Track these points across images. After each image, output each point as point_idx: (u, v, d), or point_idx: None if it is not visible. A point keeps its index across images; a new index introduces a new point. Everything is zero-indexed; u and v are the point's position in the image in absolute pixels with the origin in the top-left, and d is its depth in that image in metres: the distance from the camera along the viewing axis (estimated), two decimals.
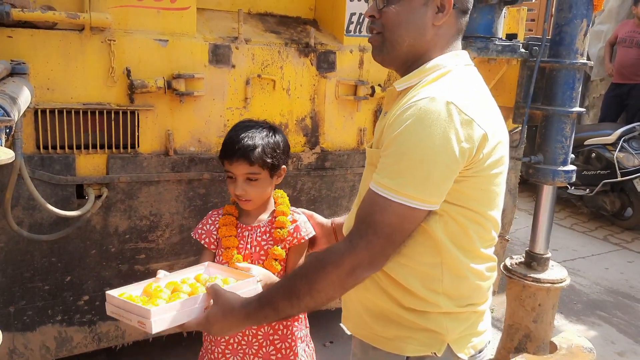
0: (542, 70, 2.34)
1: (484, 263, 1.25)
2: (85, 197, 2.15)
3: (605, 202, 5.38)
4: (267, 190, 1.72)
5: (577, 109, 2.29)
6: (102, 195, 2.18)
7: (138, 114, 2.19)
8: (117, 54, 2.10)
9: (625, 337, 3.42)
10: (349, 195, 2.80)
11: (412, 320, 1.21)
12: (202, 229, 1.78)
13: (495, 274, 1.30)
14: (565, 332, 2.50)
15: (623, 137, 5.12)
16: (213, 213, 1.81)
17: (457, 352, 1.22)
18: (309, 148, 2.64)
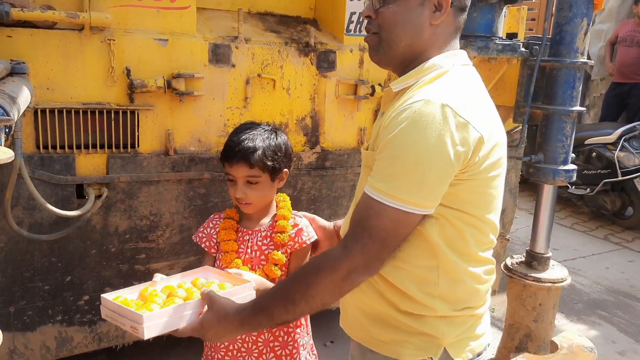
0: (542, 70, 2.33)
1: (482, 266, 1.24)
2: (85, 197, 2.15)
3: (606, 201, 5.37)
4: (268, 194, 1.69)
5: (577, 108, 2.29)
6: (102, 195, 2.18)
7: (138, 114, 2.19)
8: (116, 54, 2.10)
9: (626, 336, 3.42)
10: (350, 195, 2.79)
11: (408, 324, 1.20)
12: (202, 233, 1.75)
13: (494, 277, 1.29)
14: (566, 331, 2.50)
15: (623, 136, 5.12)
16: (214, 217, 1.78)
17: (454, 356, 1.21)
18: (309, 147, 2.64)
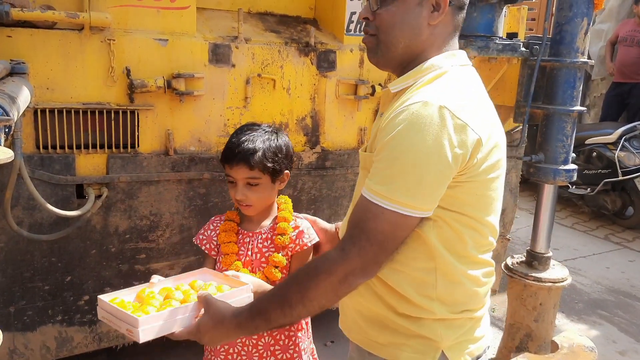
0: (542, 69, 2.33)
1: (480, 269, 1.22)
2: (85, 197, 2.15)
3: (606, 201, 5.37)
4: (268, 196, 1.68)
5: (578, 108, 2.28)
6: (102, 195, 2.17)
7: (138, 114, 2.19)
8: (116, 54, 2.09)
9: (627, 336, 3.42)
10: (350, 195, 2.79)
11: (405, 327, 1.19)
12: (203, 235, 1.74)
13: (493, 279, 1.28)
14: (567, 331, 2.50)
15: (624, 136, 5.12)
16: (215, 219, 1.77)
17: (452, 359, 1.20)
18: (310, 147, 2.64)
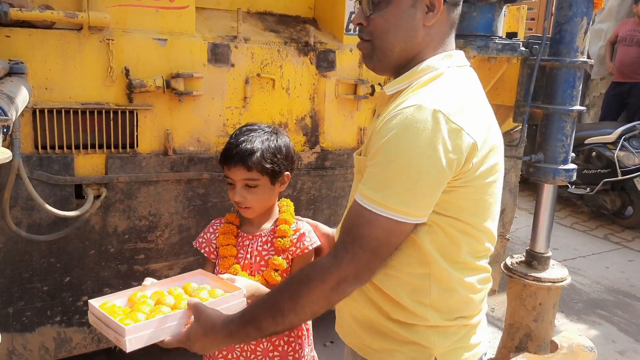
0: (542, 69, 2.33)
1: (476, 275, 1.20)
2: (84, 197, 2.14)
3: (606, 201, 5.37)
4: (268, 198, 1.65)
5: (577, 108, 2.28)
6: (101, 196, 2.17)
7: (137, 114, 2.19)
8: (115, 54, 2.09)
9: (626, 336, 3.42)
10: (349, 195, 2.78)
11: (398, 332, 1.18)
12: (202, 238, 1.72)
13: (490, 285, 1.26)
14: (566, 331, 2.50)
15: (623, 135, 5.12)
16: (215, 222, 1.74)
17: None
18: (309, 147, 2.64)
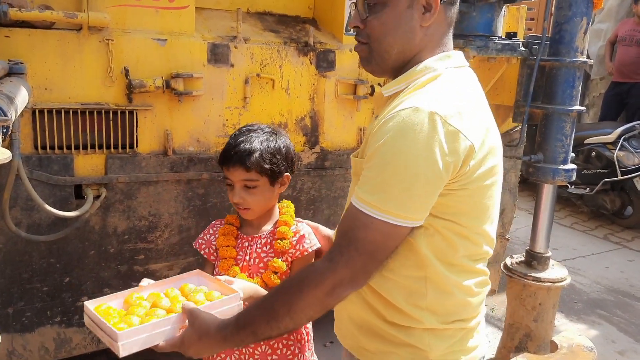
0: (542, 69, 2.33)
1: (473, 278, 1.19)
2: (84, 197, 2.14)
3: (606, 200, 5.37)
4: (267, 199, 1.63)
5: (577, 108, 2.28)
6: (100, 196, 2.17)
7: (136, 114, 2.19)
8: (115, 54, 2.09)
9: (626, 336, 3.41)
10: (348, 196, 2.78)
11: (394, 335, 1.17)
12: (202, 239, 1.72)
13: (488, 288, 1.25)
14: (566, 331, 2.50)
15: (623, 135, 5.12)
16: (215, 223, 1.74)
17: None
18: (309, 147, 2.63)
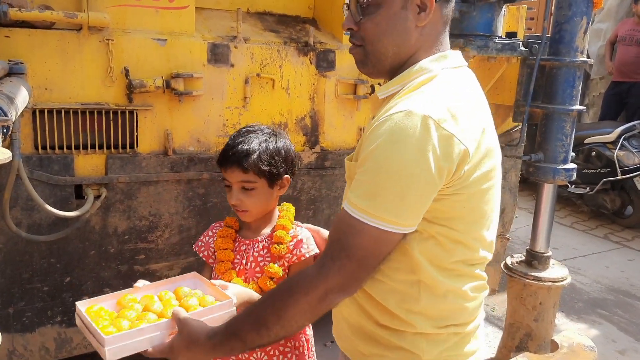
0: (542, 69, 2.33)
1: (469, 283, 1.16)
2: (84, 197, 2.14)
3: (606, 200, 5.37)
4: (265, 201, 1.61)
5: (577, 107, 2.28)
6: (101, 196, 2.17)
7: (137, 114, 2.19)
8: (115, 54, 2.09)
9: (626, 335, 3.41)
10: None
11: (387, 339, 1.16)
12: (201, 242, 1.70)
13: (486, 293, 1.23)
14: (566, 330, 2.50)
15: (623, 135, 5.11)
16: (215, 225, 1.72)
17: None
18: (309, 147, 2.63)
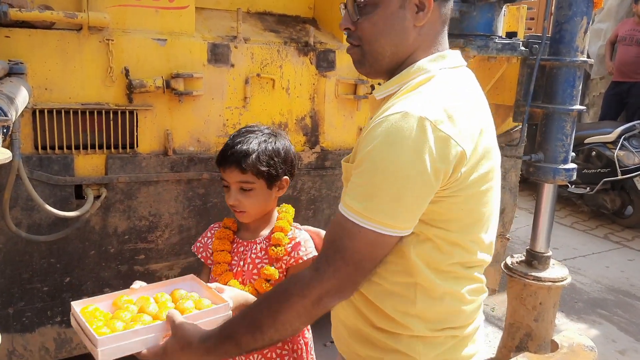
0: (542, 69, 2.33)
1: (466, 285, 1.15)
2: (84, 197, 2.14)
3: (606, 200, 5.37)
4: (264, 202, 1.59)
5: (577, 107, 2.28)
6: (101, 196, 2.17)
7: (137, 114, 2.19)
8: (115, 54, 2.09)
9: (626, 335, 3.41)
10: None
11: (383, 341, 1.15)
12: (200, 243, 1.70)
13: (485, 296, 1.22)
14: (567, 330, 2.50)
15: (623, 135, 5.11)
16: (214, 226, 1.71)
17: None
18: (309, 147, 2.63)
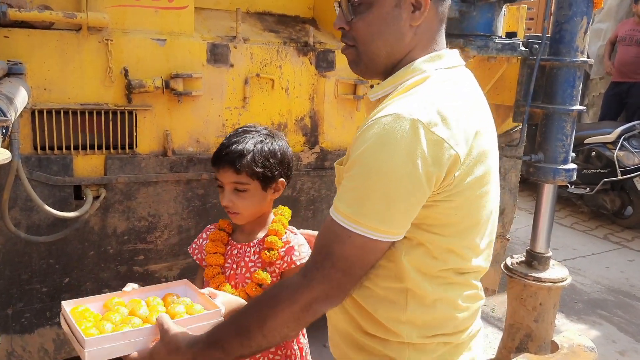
0: (542, 69, 2.33)
1: (460, 292, 1.12)
2: (83, 198, 2.14)
3: (606, 200, 5.37)
4: (258, 204, 1.56)
5: (577, 107, 2.28)
6: (100, 196, 2.16)
7: (136, 114, 2.18)
8: (114, 54, 2.09)
9: (626, 336, 3.41)
10: None
11: (373, 346, 1.13)
12: (195, 244, 1.68)
13: (481, 303, 1.19)
14: (567, 331, 2.50)
15: (623, 135, 5.11)
16: (209, 228, 1.69)
17: None
18: (309, 148, 2.63)
